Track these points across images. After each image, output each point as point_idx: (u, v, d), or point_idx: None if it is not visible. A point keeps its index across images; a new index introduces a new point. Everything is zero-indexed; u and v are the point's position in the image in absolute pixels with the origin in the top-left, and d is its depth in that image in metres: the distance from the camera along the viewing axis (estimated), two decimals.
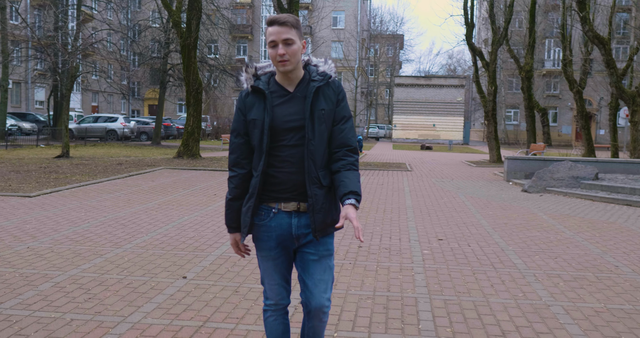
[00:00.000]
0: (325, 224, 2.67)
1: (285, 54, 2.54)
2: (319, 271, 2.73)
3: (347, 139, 2.68)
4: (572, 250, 6.90)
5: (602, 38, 17.33)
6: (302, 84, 2.65)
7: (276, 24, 2.57)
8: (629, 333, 4.17)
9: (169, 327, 4.08)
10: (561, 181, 12.73)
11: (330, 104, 2.65)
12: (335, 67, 2.73)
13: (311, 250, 2.72)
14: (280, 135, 2.61)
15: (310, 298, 2.74)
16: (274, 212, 2.67)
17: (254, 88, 2.66)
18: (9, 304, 4.46)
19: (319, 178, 2.63)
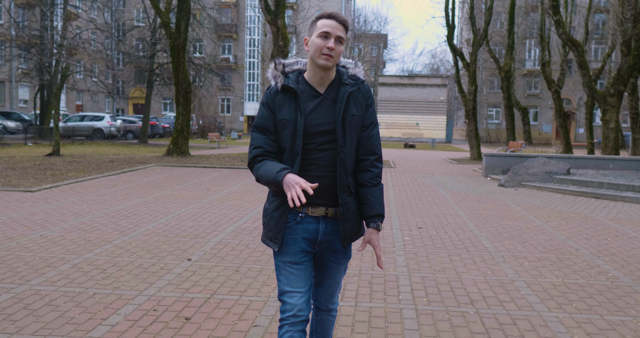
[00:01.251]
0: (354, 232, 2.65)
1: (334, 49, 2.49)
2: (335, 275, 2.76)
3: (374, 146, 2.64)
4: (539, 236, 7.58)
5: (575, 41, 18.13)
6: (333, 86, 2.59)
7: (335, 19, 2.53)
8: (579, 302, 4.83)
9: (181, 298, 4.67)
10: (535, 176, 13.47)
11: (361, 110, 2.60)
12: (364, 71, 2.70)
13: (332, 257, 2.70)
14: (308, 138, 2.53)
15: (321, 297, 2.80)
16: (301, 216, 2.59)
17: (285, 87, 2.56)
18: (36, 281, 5.02)
19: (349, 185, 2.59)
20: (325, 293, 2.79)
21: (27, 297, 4.59)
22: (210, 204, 9.66)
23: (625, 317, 4.47)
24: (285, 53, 19.29)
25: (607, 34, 45.73)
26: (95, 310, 4.33)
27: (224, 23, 60.52)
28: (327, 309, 2.85)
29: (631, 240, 7.50)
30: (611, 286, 5.30)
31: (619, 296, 5.02)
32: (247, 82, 62.03)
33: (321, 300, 2.81)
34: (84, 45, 35.69)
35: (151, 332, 3.93)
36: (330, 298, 2.81)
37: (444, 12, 24.68)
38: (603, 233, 7.97)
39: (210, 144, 31.78)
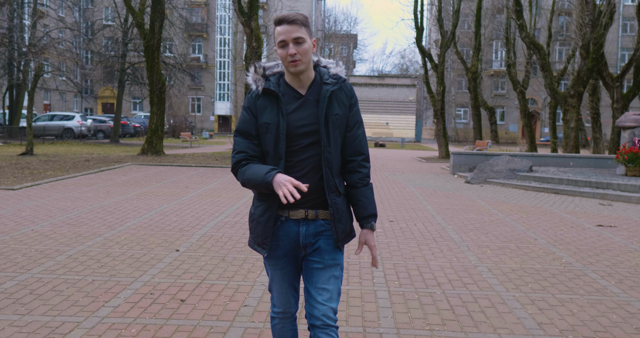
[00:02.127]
0: (346, 233, 2.61)
1: (297, 53, 2.44)
2: (322, 279, 2.60)
3: (361, 146, 2.62)
4: (501, 228, 8.17)
5: (538, 44, 18.93)
6: (314, 86, 2.55)
7: (285, 22, 2.46)
8: (534, 283, 5.39)
9: (175, 283, 5.09)
10: (500, 173, 14.15)
11: (344, 109, 2.57)
12: (345, 69, 2.67)
13: (316, 258, 2.61)
14: (292, 140, 2.51)
15: (313, 306, 2.59)
16: (282, 220, 2.57)
17: (266, 90, 2.54)
18: (37, 270, 5.38)
19: (337, 185, 2.56)
20: (314, 301, 2.58)
21: (31, 284, 4.96)
22: (191, 200, 10.05)
23: (573, 295, 5.03)
24: (259, 54, 19.69)
25: (570, 36, 47.20)
26: (97, 294, 4.73)
27: (194, 22, 60.44)
28: (324, 324, 2.56)
29: (585, 231, 8.14)
30: (563, 270, 5.89)
31: (569, 278, 5.60)
32: (218, 81, 62.04)
33: (314, 312, 2.58)
34: (55, 44, 35.51)
35: (151, 312, 4.34)
36: (323, 309, 2.56)
37: (413, 15, 25.37)
38: (560, 224, 8.60)
39: (183, 144, 31.95)
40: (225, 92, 61.65)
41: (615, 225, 8.64)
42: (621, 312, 4.62)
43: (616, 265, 6.18)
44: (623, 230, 8.26)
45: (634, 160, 12.97)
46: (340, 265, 2.65)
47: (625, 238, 7.66)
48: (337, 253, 2.63)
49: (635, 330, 4.23)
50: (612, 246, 7.11)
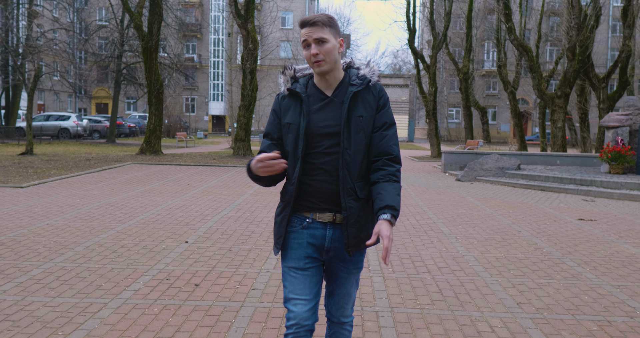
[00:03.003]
0: (359, 239, 2.53)
1: (319, 53, 2.44)
2: (345, 286, 2.65)
3: (387, 147, 2.53)
4: (488, 222, 8.69)
5: (526, 46, 19.50)
6: (341, 87, 2.55)
7: (307, 25, 2.48)
8: (516, 270, 5.89)
9: (188, 270, 5.56)
10: (489, 171, 14.68)
11: (370, 110, 2.52)
12: (377, 70, 2.61)
13: (341, 266, 2.61)
14: (315, 141, 2.49)
15: (332, 308, 2.70)
16: (308, 222, 2.54)
17: (291, 91, 2.56)
18: (59, 259, 5.84)
19: (355, 189, 2.49)
20: (336, 304, 2.69)
21: (56, 271, 5.42)
22: (194, 197, 10.51)
23: (551, 280, 5.54)
24: (255, 56, 20.15)
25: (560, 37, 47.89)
26: (118, 280, 5.19)
27: (189, 23, 60.76)
28: (340, 322, 2.73)
29: (567, 224, 8.66)
30: (543, 259, 6.40)
31: (548, 265, 6.11)
32: (212, 81, 62.39)
33: (332, 311, 2.71)
34: (53, 45, 35.82)
35: (169, 294, 4.81)
36: (342, 310, 2.70)
37: (405, 17, 25.88)
38: (544, 219, 9.13)
39: (179, 143, 32.35)
40: (219, 93, 62.02)
41: (595, 219, 9.18)
42: (592, 294, 5.12)
43: (592, 254, 6.70)
44: (602, 224, 8.79)
45: (617, 158, 13.53)
46: (361, 269, 2.67)
47: (604, 231, 8.19)
48: (361, 261, 2.64)
49: (604, 308, 4.73)
50: (591, 238, 7.63)
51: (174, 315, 4.32)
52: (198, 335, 3.95)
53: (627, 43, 19.07)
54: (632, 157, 13.68)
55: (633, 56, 26.78)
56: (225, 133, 59.41)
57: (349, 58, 2.64)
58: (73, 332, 3.95)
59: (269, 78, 56.96)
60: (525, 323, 4.34)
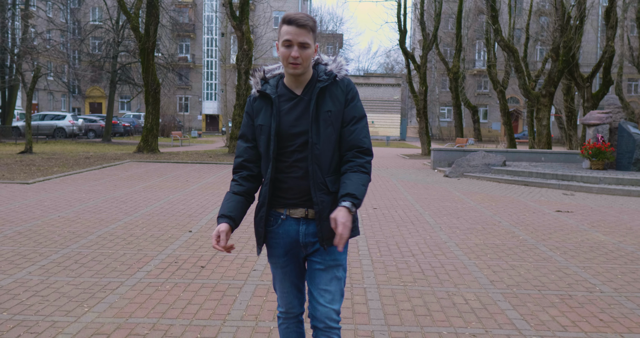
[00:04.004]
0: (333, 233, 2.48)
1: (299, 57, 2.44)
2: (324, 281, 2.59)
3: (357, 140, 2.55)
4: (471, 213, 9.27)
5: (512, 47, 20.12)
6: (310, 85, 2.56)
7: (294, 24, 2.44)
8: (492, 254, 6.47)
9: (193, 255, 6.10)
10: (476, 168, 15.27)
11: (338, 105, 2.54)
12: (344, 64, 2.60)
13: (318, 259, 2.59)
14: (287, 140, 2.52)
15: (315, 308, 2.58)
16: (282, 218, 2.58)
17: (261, 93, 2.59)
18: (74, 246, 6.36)
19: (326, 183, 2.51)
20: (316, 302, 2.57)
21: (73, 256, 5.95)
22: (193, 192, 11.04)
23: (523, 262, 6.12)
24: (250, 56, 20.68)
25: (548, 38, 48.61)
26: (131, 263, 5.73)
27: (182, 23, 61.12)
28: (327, 327, 2.57)
29: (545, 216, 9.25)
30: (519, 245, 6.98)
31: (523, 250, 6.69)
32: (205, 81, 62.79)
33: (316, 314, 2.58)
34: (47, 45, 36.19)
35: (178, 274, 5.35)
36: (325, 310, 2.56)
37: (396, 18, 26.44)
38: (524, 210, 9.72)
39: (174, 142, 32.81)
40: (212, 92, 62.44)
41: (572, 211, 9.78)
42: (559, 273, 5.70)
43: (564, 241, 7.29)
44: (578, 215, 9.39)
45: (597, 155, 14.15)
46: (343, 266, 2.61)
47: (578, 221, 8.79)
48: (339, 254, 2.59)
49: (568, 285, 5.31)
50: (565, 227, 8.23)
51: (185, 291, 4.86)
52: (207, 306, 4.50)
53: (610, 44, 19.72)
54: (611, 153, 14.30)
55: (622, 57, 27.48)
56: (219, 132, 59.86)
57: (316, 55, 2.61)
58: (96, 304, 4.49)
59: None
60: (495, 296, 4.91)
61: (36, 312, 4.30)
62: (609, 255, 6.53)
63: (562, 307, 4.68)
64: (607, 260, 6.32)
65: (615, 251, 6.77)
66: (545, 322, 4.31)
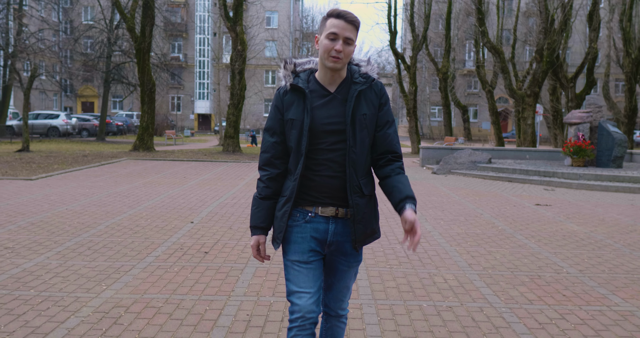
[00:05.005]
0: (366, 234, 2.58)
1: (342, 52, 2.44)
2: (345, 279, 2.69)
3: (391, 145, 2.59)
4: (455, 206, 9.83)
5: (498, 49, 20.74)
6: (344, 85, 2.55)
7: (343, 19, 2.45)
8: (472, 241, 7.02)
9: (197, 243, 6.61)
10: (462, 165, 15.85)
11: (373, 109, 2.55)
12: (377, 68, 2.61)
13: (342, 260, 2.64)
14: (318, 137, 2.50)
15: (330, 302, 2.73)
16: (311, 216, 2.56)
17: (294, 86, 2.54)
18: (85, 235, 6.86)
19: (361, 186, 2.53)
20: (334, 297, 2.72)
21: (85, 243, 6.44)
22: (191, 188, 11.54)
23: (499, 249, 6.67)
24: (244, 57, 21.17)
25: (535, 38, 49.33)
26: (139, 249, 6.23)
27: (175, 22, 61.44)
28: (337, 315, 2.76)
29: (524, 208, 9.83)
30: (497, 234, 7.54)
31: (500, 239, 7.24)
32: (198, 80, 63.13)
33: (330, 305, 2.74)
34: (40, 44, 36.48)
35: (184, 259, 5.87)
36: (340, 303, 2.74)
37: (387, 19, 27.02)
38: (505, 204, 10.29)
39: (168, 141, 33.24)
40: (204, 91, 62.80)
41: (550, 204, 10.36)
42: (531, 258, 6.26)
43: (540, 230, 7.86)
44: (556, 208, 9.97)
45: (578, 152, 14.76)
46: (361, 261, 2.72)
47: (555, 214, 9.37)
48: (361, 254, 2.69)
49: (538, 267, 5.86)
50: (542, 219, 8.80)
51: (191, 273, 5.38)
52: (213, 285, 5.01)
53: (593, 45, 20.37)
54: (592, 151, 14.92)
55: (609, 57, 28.14)
56: (211, 131, 60.26)
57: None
58: (113, 283, 5.00)
59: (255, 78, 57.91)
60: (472, 277, 5.46)
61: (60, 289, 4.80)
62: (579, 243, 7.10)
63: (531, 285, 5.24)
64: (577, 246, 6.89)
65: (585, 239, 7.34)
66: (514, 297, 4.86)
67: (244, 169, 16.06)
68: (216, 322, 4.13)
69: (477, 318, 4.34)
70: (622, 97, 54.70)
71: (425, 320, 4.28)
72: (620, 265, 6.03)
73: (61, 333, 3.86)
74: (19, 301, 4.48)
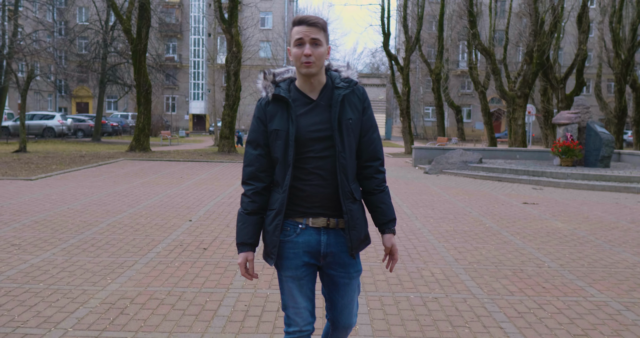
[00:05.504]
0: (360, 240, 2.55)
1: (312, 55, 2.41)
2: (349, 293, 2.62)
3: (377, 151, 2.58)
4: (445, 205, 10.14)
5: (489, 50, 21.10)
6: (325, 91, 2.52)
7: (305, 23, 2.44)
8: (460, 238, 7.32)
9: (196, 240, 6.89)
10: (454, 165, 16.18)
11: (357, 113, 2.53)
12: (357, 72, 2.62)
13: (342, 272, 2.58)
14: (305, 146, 2.46)
15: (339, 317, 2.66)
16: (302, 228, 2.51)
17: (276, 96, 2.50)
18: (88, 233, 7.13)
19: (352, 192, 2.50)
20: (341, 314, 2.66)
21: (89, 240, 6.71)
22: (189, 187, 11.81)
23: (485, 244, 6.98)
24: (239, 58, 21.44)
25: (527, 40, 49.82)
26: (141, 246, 6.51)
27: (169, 23, 61.61)
28: (344, 327, 2.70)
29: (512, 207, 10.15)
30: (484, 231, 7.85)
31: (487, 235, 7.55)
32: (192, 81, 63.32)
33: (339, 320, 2.68)
34: (34, 43, 36.60)
35: (185, 255, 6.14)
36: (348, 317, 2.68)
37: (380, 21, 27.34)
38: (494, 203, 10.61)
39: (163, 142, 33.46)
40: (199, 92, 63.00)
41: (537, 203, 10.69)
42: (515, 253, 6.57)
43: (525, 228, 8.17)
44: (542, 206, 10.30)
45: (567, 152, 15.11)
46: (361, 271, 2.67)
47: (542, 212, 9.69)
48: (359, 263, 2.63)
49: (521, 262, 6.17)
50: (528, 216, 9.12)
51: (192, 267, 5.66)
52: (212, 279, 5.30)
53: (582, 47, 20.75)
54: (580, 151, 15.27)
55: (600, 58, 28.51)
56: (206, 131, 60.46)
57: (326, 61, 2.58)
58: (117, 277, 5.27)
59: (250, 78, 58.02)
60: (458, 270, 5.76)
61: (67, 283, 5.07)
62: (562, 239, 7.42)
63: (513, 278, 5.54)
64: (559, 243, 7.20)
65: (568, 236, 7.66)
66: (496, 289, 5.17)
67: (240, 169, 16.35)
68: (216, 312, 4.41)
69: (461, 307, 4.64)
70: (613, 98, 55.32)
71: (412, 309, 4.57)
72: (599, 260, 6.35)
73: (72, 322, 4.14)
74: (29, 293, 4.75)
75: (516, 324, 4.29)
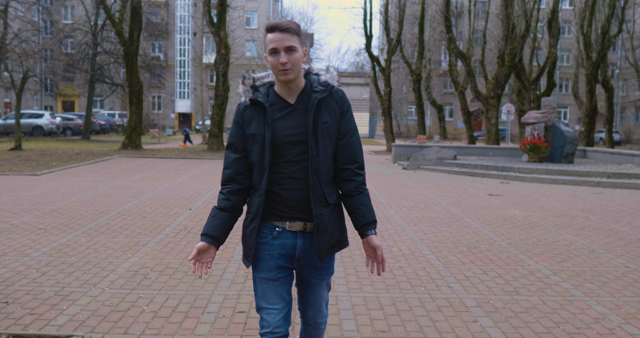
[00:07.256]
0: (331, 245, 2.55)
1: (288, 62, 2.42)
2: (318, 291, 2.70)
3: (355, 154, 2.58)
4: (418, 197, 11.25)
5: (464, 54, 22.31)
6: (304, 94, 2.53)
7: (277, 30, 2.44)
8: (427, 223, 8.42)
9: (198, 224, 7.92)
10: (430, 161, 17.32)
11: (334, 117, 2.53)
12: (337, 76, 2.58)
13: (312, 273, 2.64)
14: (282, 150, 2.48)
15: (307, 312, 2.76)
16: (278, 231, 2.54)
17: (253, 101, 2.53)
18: (102, 219, 8.13)
19: (325, 195, 2.50)
20: (311, 309, 2.75)
21: (105, 225, 7.72)
22: (184, 182, 12.82)
23: (448, 227, 8.08)
24: (227, 60, 22.42)
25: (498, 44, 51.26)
26: (151, 229, 7.53)
27: (155, 22, 62.22)
28: (315, 323, 2.79)
29: (478, 198, 11.29)
30: (449, 217, 8.95)
31: (451, 221, 8.66)
32: (178, 80, 64.02)
33: (308, 315, 2.77)
34: (22, 43, 37.20)
35: (189, 236, 7.17)
36: (317, 313, 2.77)
37: (363, 24, 28.43)
38: (462, 194, 11.74)
39: (152, 140, 34.30)
40: (185, 91, 63.74)
41: (501, 195, 11.84)
42: (473, 234, 7.68)
43: (486, 215, 9.30)
44: (506, 198, 11.45)
45: (534, 149, 16.31)
46: (333, 273, 2.72)
47: (504, 202, 10.83)
48: (332, 266, 2.68)
49: (476, 241, 7.28)
50: (490, 206, 10.26)
51: None
52: (217, 255, 6.32)
53: (552, 50, 21.99)
54: (546, 148, 16.48)
55: (577, 59, 29.71)
56: (191, 129, 61.20)
57: (306, 65, 2.61)
58: (135, 253, 6.29)
59: (236, 77, 58.87)
60: (421, 247, 6.86)
61: (94, 257, 6.09)
62: (516, 224, 8.55)
63: (467, 253, 6.64)
64: (513, 227, 8.33)
65: (522, 221, 8.80)
66: (451, 261, 6.26)
67: None
68: (222, 277, 5.46)
69: (420, 273, 5.73)
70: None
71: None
72: (543, 240, 7.47)
73: (106, 283, 5.16)
74: (66, 264, 5.76)
75: (462, 284, 5.38)
